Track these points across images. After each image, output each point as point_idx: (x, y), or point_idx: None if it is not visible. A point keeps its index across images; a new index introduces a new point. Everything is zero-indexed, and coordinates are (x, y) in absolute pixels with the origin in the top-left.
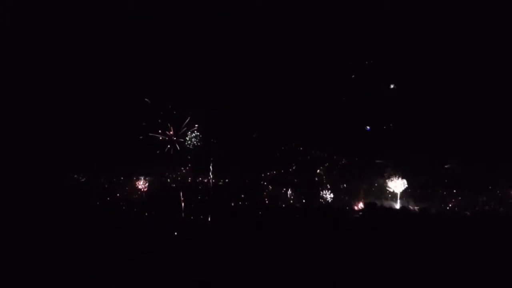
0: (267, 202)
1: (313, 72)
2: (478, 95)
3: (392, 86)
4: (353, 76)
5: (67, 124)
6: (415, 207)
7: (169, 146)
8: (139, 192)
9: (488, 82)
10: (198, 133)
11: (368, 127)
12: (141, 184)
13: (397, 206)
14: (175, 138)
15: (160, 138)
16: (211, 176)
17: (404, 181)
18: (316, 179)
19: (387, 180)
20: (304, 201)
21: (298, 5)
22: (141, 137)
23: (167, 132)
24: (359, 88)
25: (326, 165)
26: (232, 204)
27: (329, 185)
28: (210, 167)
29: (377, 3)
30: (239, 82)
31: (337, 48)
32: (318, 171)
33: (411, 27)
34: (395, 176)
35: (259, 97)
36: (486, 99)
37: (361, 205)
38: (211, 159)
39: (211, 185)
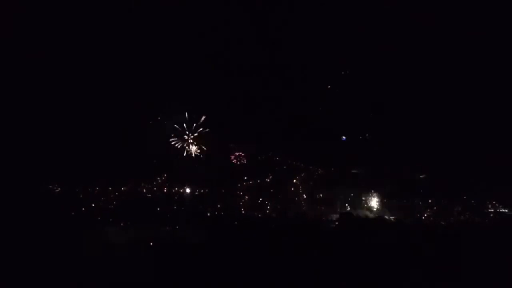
0: (243, 212)
1: (290, 82)
2: (454, 105)
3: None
4: (329, 86)
5: (42, 131)
6: (391, 217)
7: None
8: (114, 202)
9: (465, 93)
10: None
11: (344, 137)
12: (117, 194)
13: (373, 216)
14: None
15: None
16: (187, 186)
17: (380, 191)
18: (292, 189)
19: (362, 190)
20: (280, 211)
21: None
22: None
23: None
24: (336, 98)
25: (302, 175)
26: (208, 214)
27: (305, 195)
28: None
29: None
30: (215, 91)
31: (314, 58)
32: (294, 181)
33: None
34: (371, 186)
35: (236, 106)
36: (461, 109)
37: (336, 215)
38: (188, 169)
39: (186, 194)
